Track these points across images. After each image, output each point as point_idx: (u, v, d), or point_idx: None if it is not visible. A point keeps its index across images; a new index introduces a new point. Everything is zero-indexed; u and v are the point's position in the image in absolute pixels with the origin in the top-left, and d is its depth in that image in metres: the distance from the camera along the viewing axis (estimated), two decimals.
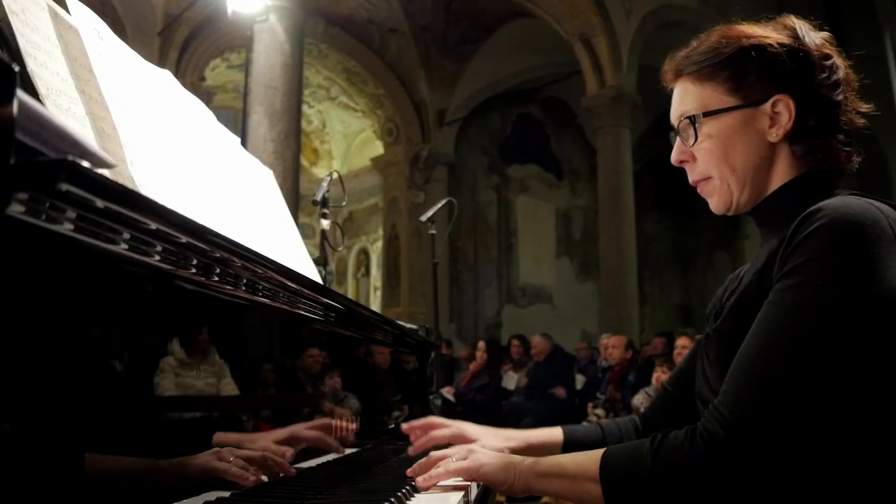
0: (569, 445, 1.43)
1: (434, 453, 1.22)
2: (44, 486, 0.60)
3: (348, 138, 15.23)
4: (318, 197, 2.42)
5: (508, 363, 7.69)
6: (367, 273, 14.97)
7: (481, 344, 7.80)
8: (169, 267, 0.74)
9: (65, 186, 0.49)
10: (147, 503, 0.84)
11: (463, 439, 1.43)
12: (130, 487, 0.82)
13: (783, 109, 1.14)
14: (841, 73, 1.16)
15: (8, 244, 0.51)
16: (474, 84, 12.93)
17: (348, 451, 1.63)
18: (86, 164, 0.50)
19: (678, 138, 1.23)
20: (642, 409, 1.49)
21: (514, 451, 1.43)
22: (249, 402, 1.17)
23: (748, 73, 1.16)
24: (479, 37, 12.59)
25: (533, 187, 14.43)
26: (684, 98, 1.22)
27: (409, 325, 2.05)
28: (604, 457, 1.06)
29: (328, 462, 1.44)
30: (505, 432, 1.47)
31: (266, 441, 1.18)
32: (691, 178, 1.24)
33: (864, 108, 1.19)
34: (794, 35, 1.17)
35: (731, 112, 1.16)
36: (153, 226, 0.63)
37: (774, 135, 1.15)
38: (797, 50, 1.15)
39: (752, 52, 1.15)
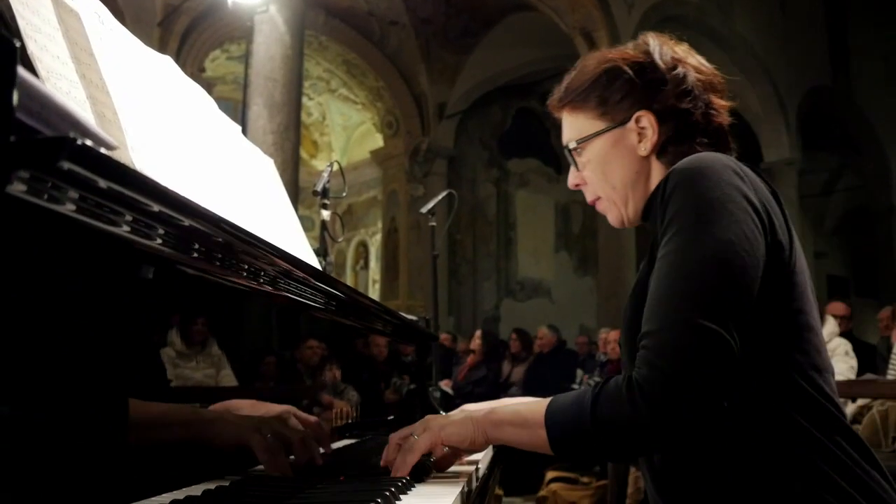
0: None
1: (394, 435, 1.20)
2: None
3: (348, 131, 15.20)
4: (319, 187, 2.42)
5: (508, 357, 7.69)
6: (366, 266, 14.97)
7: (477, 333, 7.79)
8: (170, 251, 0.74)
9: (66, 165, 0.48)
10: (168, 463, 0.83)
11: None
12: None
13: (647, 124, 1.23)
14: (690, 80, 1.23)
15: (6, 224, 0.50)
16: (474, 77, 12.89)
17: (348, 441, 1.63)
18: (88, 142, 0.49)
19: (571, 166, 1.33)
20: None
21: None
22: (248, 394, 1.17)
23: (610, 96, 1.25)
24: (479, 30, 12.55)
25: (532, 181, 14.41)
26: (566, 129, 1.32)
27: (409, 317, 2.04)
28: (550, 404, 1.09)
29: (327, 452, 1.43)
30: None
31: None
32: (587, 200, 1.34)
33: (725, 104, 1.28)
34: (647, 52, 1.25)
35: (601, 135, 1.26)
36: (156, 208, 0.62)
37: (643, 149, 1.24)
38: (647, 67, 1.24)
39: (610, 75, 1.25)
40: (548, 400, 1.11)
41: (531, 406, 1.12)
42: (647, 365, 0.99)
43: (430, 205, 3.86)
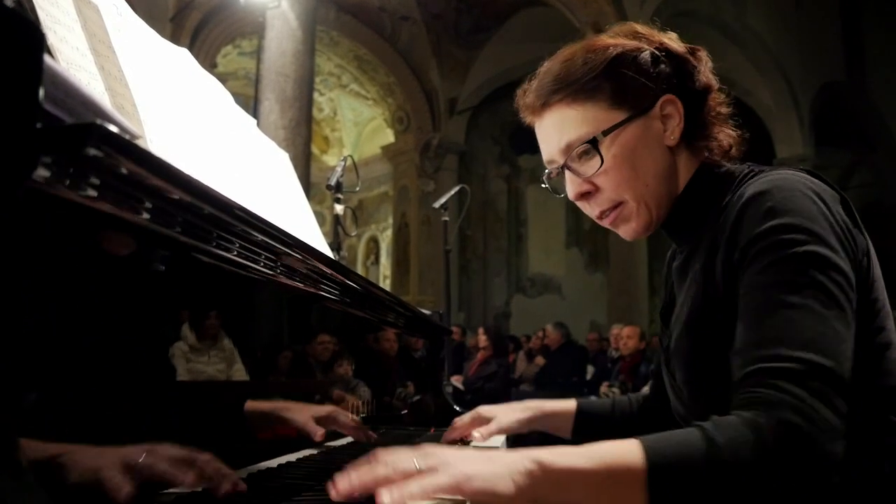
0: (581, 414, 1.45)
1: (379, 454, 0.82)
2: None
3: (359, 126, 15.23)
4: (333, 182, 2.42)
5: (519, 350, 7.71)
6: (377, 261, 15.00)
7: (480, 331, 7.82)
8: (188, 239, 0.74)
9: (92, 151, 0.49)
10: None
11: (481, 421, 1.44)
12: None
13: (672, 111, 1.11)
14: (710, 66, 1.15)
15: (32, 209, 0.51)
16: (485, 73, 12.89)
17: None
18: (114, 129, 0.49)
19: (569, 172, 1.14)
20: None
21: (531, 420, 1.45)
22: (260, 389, 1.17)
23: (628, 82, 1.10)
24: (490, 25, 12.55)
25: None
26: (565, 126, 1.12)
27: (423, 311, 2.04)
28: (648, 457, 0.80)
29: (345, 445, 1.44)
30: (520, 404, 1.48)
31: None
32: (598, 209, 1.15)
33: (724, 98, 1.17)
34: (650, 39, 1.14)
35: (627, 125, 1.09)
36: (177, 195, 0.62)
37: (671, 137, 1.11)
38: (662, 51, 1.12)
39: (625, 60, 1.10)
40: (625, 450, 0.81)
41: (613, 458, 0.81)
42: (773, 407, 0.82)
43: (443, 199, 3.86)
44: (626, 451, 0.81)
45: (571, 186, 1.15)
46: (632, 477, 0.79)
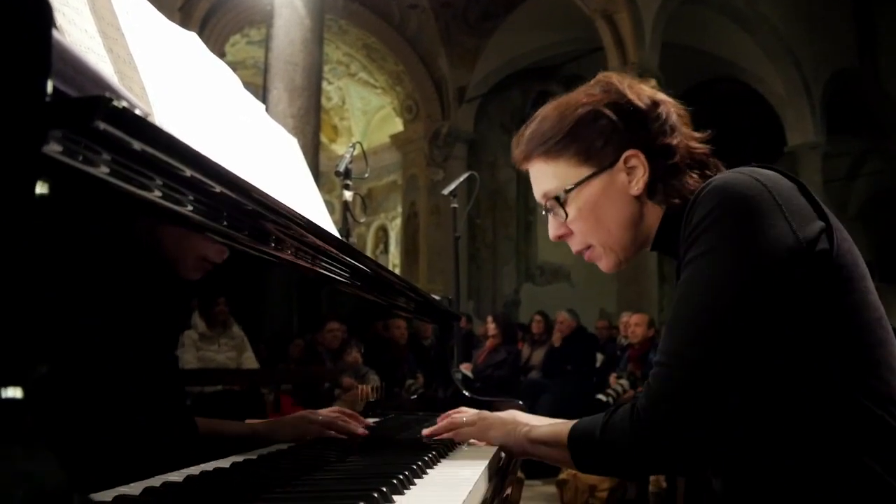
0: None
1: (450, 414, 1.44)
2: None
3: (368, 115, 15.20)
4: (342, 168, 2.42)
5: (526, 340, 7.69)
6: (386, 250, 15.00)
7: (489, 319, 7.81)
8: (200, 218, 0.74)
9: (101, 125, 0.48)
10: None
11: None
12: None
13: (636, 164, 1.21)
14: (673, 118, 1.23)
15: (42, 184, 0.50)
16: (494, 61, 12.81)
17: (372, 420, 1.63)
18: (123, 103, 0.49)
19: (550, 215, 1.29)
20: None
21: None
22: (270, 376, 1.17)
23: (593, 140, 1.22)
24: (499, 13, 12.47)
25: None
26: (542, 179, 1.29)
27: (433, 296, 2.04)
28: (574, 425, 1.20)
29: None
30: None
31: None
32: (574, 249, 1.31)
33: (699, 136, 1.26)
34: (620, 93, 1.23)
35: (590, 181, 1.23)
36: (188, 173, 0.62)
37: (636, 188, 1.22)
38: (627, 108, 1.22)
39: (590, 118, 1.22)
40: (567, 425, 1.22)
41: (557, 430, 1.23)
42: (644, 389, 1.08)
43: (452, 186, 3.85)
44: (567, 425, 1.21)
45: (551, 229, 1.31)
46: (564, 442, 1.19)
